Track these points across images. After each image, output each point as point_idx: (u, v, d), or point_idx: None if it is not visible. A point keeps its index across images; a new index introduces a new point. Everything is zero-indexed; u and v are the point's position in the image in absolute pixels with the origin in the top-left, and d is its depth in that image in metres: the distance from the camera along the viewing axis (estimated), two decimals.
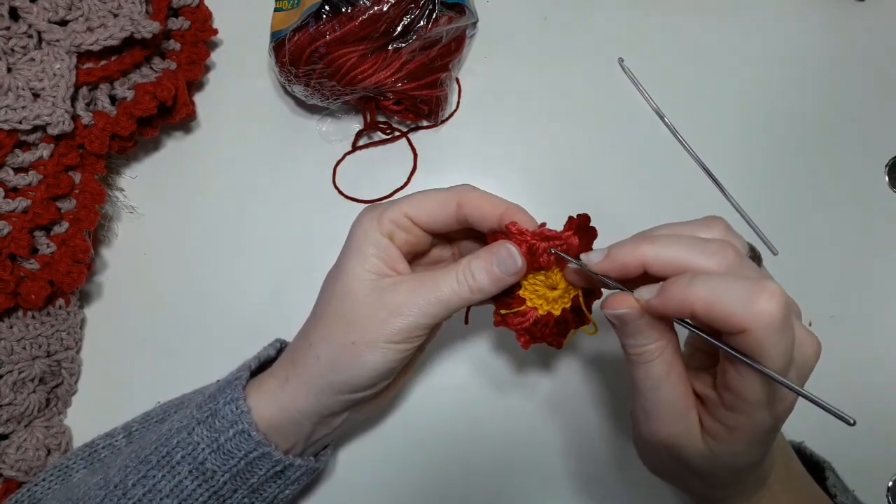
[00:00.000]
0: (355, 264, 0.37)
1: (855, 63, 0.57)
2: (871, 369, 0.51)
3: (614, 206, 0.54)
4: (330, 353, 0.37)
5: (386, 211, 0.38)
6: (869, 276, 0.53)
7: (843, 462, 0.42)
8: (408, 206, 0.38)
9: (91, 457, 0.43)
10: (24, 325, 0.48)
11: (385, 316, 0.36)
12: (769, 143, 0.55)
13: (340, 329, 0.37)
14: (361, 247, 0.37)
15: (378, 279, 0.37)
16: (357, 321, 0.36)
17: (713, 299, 0.29)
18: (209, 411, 0.38)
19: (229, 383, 0.39)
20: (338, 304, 0.37)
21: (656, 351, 0.33)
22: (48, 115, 0.46)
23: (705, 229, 0.34)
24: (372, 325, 0.36)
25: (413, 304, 0.36)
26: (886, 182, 0.54)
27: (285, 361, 0.40)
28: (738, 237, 0.35)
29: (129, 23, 0.47)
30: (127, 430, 0.44)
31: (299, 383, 0.38)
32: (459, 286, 0.36)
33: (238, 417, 0.37)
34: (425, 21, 0.49)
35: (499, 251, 0.36)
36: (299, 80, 0.50)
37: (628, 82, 0.56)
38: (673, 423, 0.33)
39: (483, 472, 0.49)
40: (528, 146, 0.55)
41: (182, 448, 0.37)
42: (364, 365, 0.36)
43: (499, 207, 0.37)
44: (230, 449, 0.37)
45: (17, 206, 0.46)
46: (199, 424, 0.38)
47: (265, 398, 0.38)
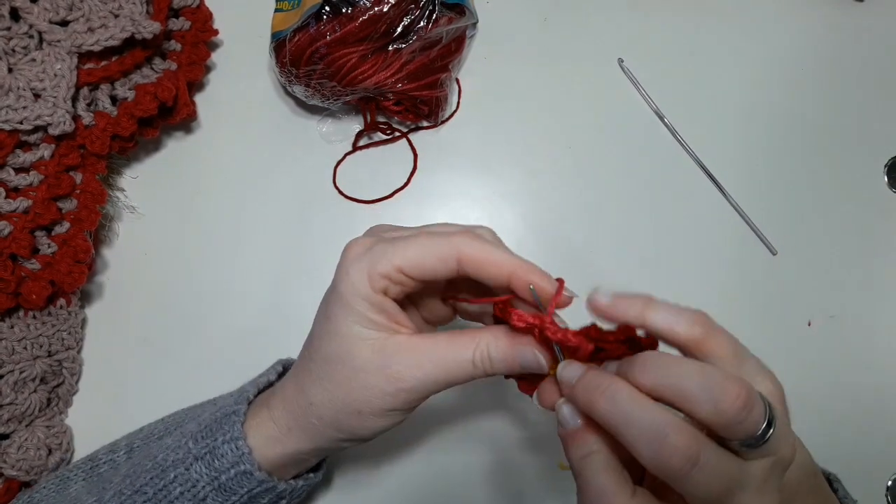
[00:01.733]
0: (350, 323, 0.34)
1: (855, 63, 0.57)
2: (871, 369, 0.51)
3: (614, 206, 0.54)
4: (333, 417, 0.36)
5: (377, 265, 0.33)
6: (869, 276, 0.53)
7: (842, 462, 0.42)
8: (401, 259, 0.33)
9: (92, 470, 0.43)
10: (25, 325, 0.48)
11: (391, 389, 0.34)
12: (769, 143, 0.55)
13: (342, 395, 0.35)
14: (353, 304, 0.34)
15: (379, 339, 0.34)
16: (360, 390, 0.34)
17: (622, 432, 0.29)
18: (207, 448, 0.37)
19: (227, 417, 0.38)
20: (338, 368, 0.35)
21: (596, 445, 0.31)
22: (49, 116, 0.46)
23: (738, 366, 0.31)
24: (377, 397, 0.34)
25: (419, 381, 0.33)
26: (886, 182, 0.54)
27: (285, 410, 0.37)
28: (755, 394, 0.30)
29: (129, 23, 0.48)
30: (129, 446, 0.43)
31: (302, 435, 0.37)
32: (475, 369, 0.33)
33: (239, 458, 0.36)
34: (425, 22, 0.49)
35: (524, 353, 0.33)
36: (300, 80, 0.50)
37: (628, 82, 0.56)
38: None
39: (483, 473, 0.49)
40: (528, 146, 0.55)
41: (180, 484, 0.37)
42: (370, 429, 0.36)
43: (504, 268, 0.33)
44: (232, 486, 0.37)
45: (18, 206, 0.46)
46: (196, 461, 0.37)
47: (267, 442, 0.37)
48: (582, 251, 0.52)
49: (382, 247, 0.34)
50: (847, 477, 0.41)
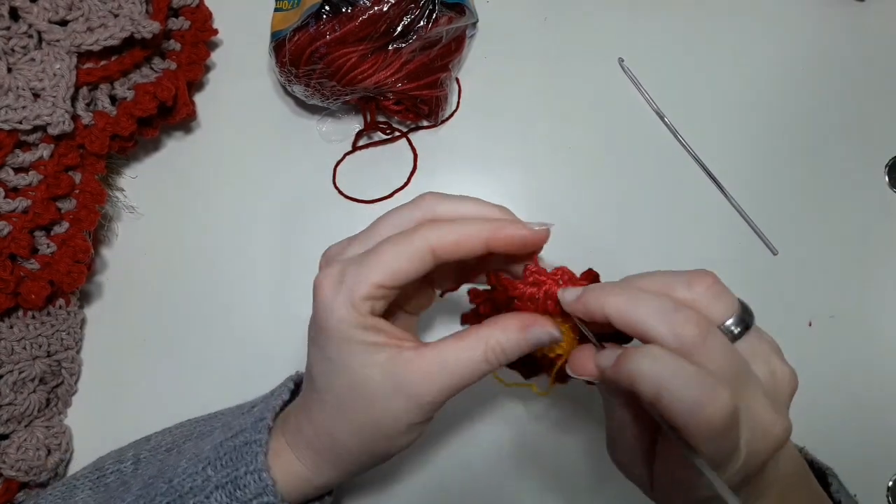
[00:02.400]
0: (353, 355, 0.33)
1: (855, 63, 0.57)
2: (872, 369, 0.51)
3: (614, 206, 0.54)
4: (360, 447, 0.35)
5: (356, 291, 0.32)
6: (869, 276, 0.53)
7: (843, 462, 0.42)
8: (377, 275, 0.32)
9: (99, 480, 0.42)
10: (24, 325, 0.48)
11: (412, 407, 0.33)
12: (769, 142, 0.55)
13: (367, 426, 0.34)
14: (349, 336, 0.33)
15: (386, 361, 0.33)
16: (384, 417, 0.34)
17: (661, 392, 0.28)
18: (228, 478, 0.36)
19: (247, 446, 0.37)
20: (354, 401, 0.34)
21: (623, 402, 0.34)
22: (48, 116, 0.46)
23: (685, 287, 0.32)
24: (401, 418, 0.34)
25: (438, 391, 0.33)
26: (886, 182, 0.54)
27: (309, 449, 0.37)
28: (723, 298, 0.32)
29: (129, 23, 0.47)
30: (136, 457, 0.43)
31: (331, 470, 0.37)
32: (489, 366, 0.33)
33: (262, 490, 0.36)
34: (425, 21, 0.49)
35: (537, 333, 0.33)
36: (299, 80, 0.50)
37: (628, 82, 0.56)
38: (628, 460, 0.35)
39: (483, 477, 0.49)
40: (528, 146, 0.55)
41: None
42: (398, 447, 0.35)
43: (480, 234, 0.33)
44: None
45: (17, 206, 0.46)
46: (216, 489, 0.36)
47: (295, 480, 0.37)
48: (582, 251, 0.52)
49: (354, 270, 0.33)
50: (848, 477, 0.40)
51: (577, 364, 0.33)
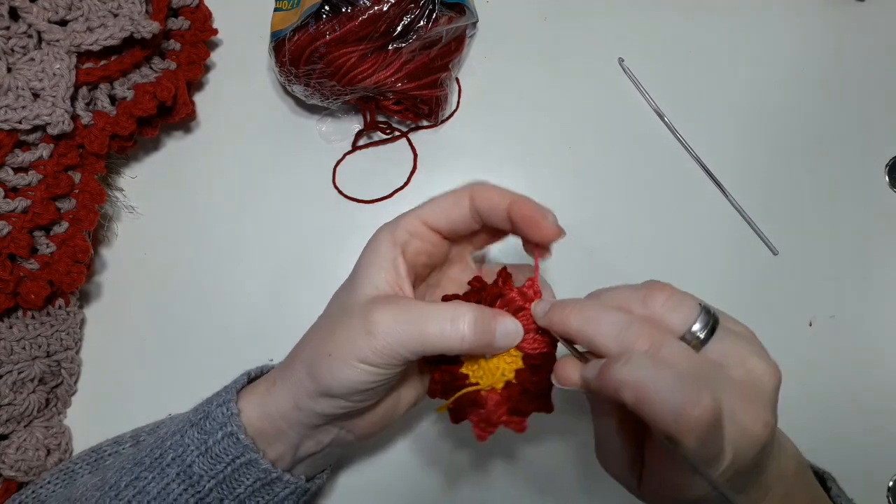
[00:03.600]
0: (361, 277, 0.36)
1: (855, 63, 0.57)
2: (873, 369, 0.51)
3: (614, 206, 0.54)
4: (309, 363, 0.36)
5: (402, 220, 0.37)
6: (869, 276, 0.53)
7: (843, 462, 0.42)
8: (422, 210, 0.37)
9: (97, 462, 0.43)
10: (23, 326, 0.48)
11: (363, 335, 0.34)
12: (769, 142, 0.55)
13: (323, 338, 0.36)
14: (370, 259, 0.37)
15: (375, 293, 0.36)
16: (337, 335, 0.35)
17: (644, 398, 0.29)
18: (202, 413, 0.38)
19: (226, 387, 0.39)
20: (331, 317, 0.37)
21: (609, 411, 0.35)
22: (48, 115, 0.46)
23: (641, 303, 0.33)
24: (348, 339, 0.34)
25: (393, 331, 0.33)
26: (886, 182, 0.54)
27: (278, 367, 0.39)
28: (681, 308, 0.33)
29: (128, 23, 0.47)
30: (135, 438, 0.43)
31: (283, 388, 0.37)
32: (452, 330, 0.33)
33: (227, 420, 0.36)
34: (425, 21, 0.49)
35: (506, 322, 0.35)
36: (299, 79, 0.50)
37: (628, 82, 0.56)
38: (616, 466, 0.36)
39: (481, 483, 0.49)
40: (528, 146, 0.55)
41: (173, 450, 0.37)
42: (336, 378, 0.35)
43: (506, 198, 0.36)
44: (217, 453, 0.36)
45: (16, 206, 0.46)
46: (191, 427, 0.37)
47: (253, 401, 0.38)
48: (582, 251, 0.52)
49: (406, 211, 0.38)
50: (848, 477, 0.40)
51: (563, 375, 0.33)
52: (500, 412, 0.34)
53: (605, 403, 0.35)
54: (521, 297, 0.36)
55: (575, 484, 0.49)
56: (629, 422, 0.34)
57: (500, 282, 0.37)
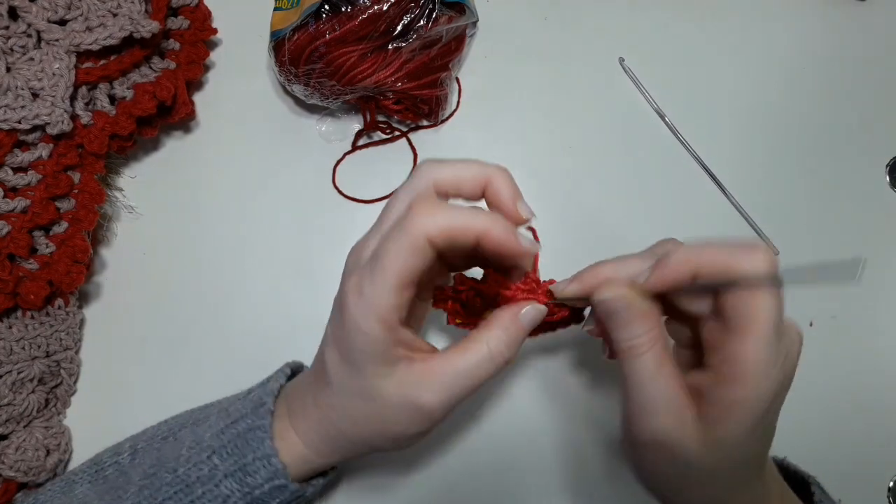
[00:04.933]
0: (371, 363, 0.34)
1: (855, 63, 0.56)
2: (873, 369, 0.51)
3: (614, 205, 0.54)
4: (366, 441, 0.37)
5: (379, 301, 0.32)
6: (871, 276, 0.52)
7: (843, 462, 0.42)
8: (391, 278, 0.32)
9: (97, 474, 0.42)
10: (23, 326, 0.48)
11: (420, 417, 0.35)
12: (770, 142, 0.55)
13: (373, 429, 0.36)
14: (374, 347, 0.33)
15: (399, 372, 0.34)
16: (390, 423, 0.35)
17: (713, 257, 0.32)
18: (236, 465, 0.37)
19: (252, 432, 0.38)
20: (366, 405, 0.35)
21: (647, 343, 0.33)
22: (47, 115, 0.46)
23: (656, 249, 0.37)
24: (408, 428, 0.35)
25: (446, 402, 0.34)
26: (887, 182, 0.54)
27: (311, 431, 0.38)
28: None
29: (128, 22, 0.47)
30: (133, 448, 0.43)
31: (335, 454, 0.39)
32: (495, 366, 0.35)
33: (273, 475, 0.37)
34: (425, 20, 0.49)
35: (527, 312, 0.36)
36: (299, 79, 0.50)
37: (629, 82, 0.56)
38: (670, 416, 0.32)
39: (484, 474, 0.49)
40: (528, 146, 0.55)
41: (210, 500, 0.37)
42: (401, 447, 0.37)
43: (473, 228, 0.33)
44: (265, 499, 0.38)
45: (16, 206, 0.46)
46: (226, 478, 0.37)
47: (300, 462, 0.38)
48: (582, 251, 0.52)
49: (369, 281, 0.33)
50: (849, 478, 0.41)
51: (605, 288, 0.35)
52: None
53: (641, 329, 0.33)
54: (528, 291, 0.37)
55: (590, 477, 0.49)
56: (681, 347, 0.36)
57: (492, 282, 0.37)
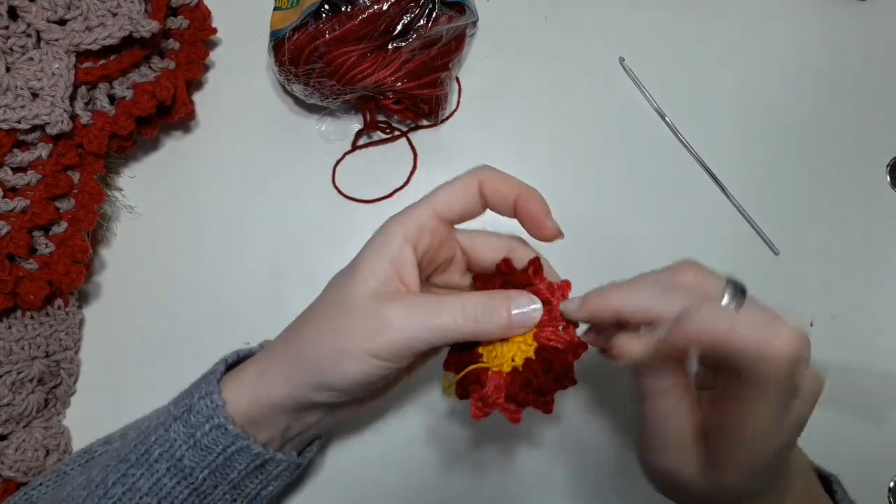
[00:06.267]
0: (365, 269, 0.35)
1: (855, 63, 0.56)
2: (873, 369, 0.51)
3: (614, 205, 0.54)
4: (313, 355, 0.36)
5: (414, 214, 0.36)
6: (870, 275, 0.52)
7: (844, 463, 0.42)
8: (435, 200, 0.37)
9: (88, 463, 0.43)
10: (22, 326, 0.48)
11: (376, 329, 0.34)
12: (770, 142, 0.55)
13: (329, 333, 0.35)
14: (378, 252, 0.36)
15: (381, 288, 0.35)
16: (346, 328, 0.35)
17: (731, 334, 0.30)
18: (185, 407, 0.37)
19: (205, 377, 0.39)
20: (333, 308, 0.36)
21: (669, 388, 0.34)
22: (47, 115, 0.46)
23: (675, 276, 0.35)
24: (360, 336, 0.34)
25: (407, 324, 0.34)
26: (887, 182, 0.54)
27: (267, 352, 0.39)
28: (712, 279, 0.34)
29: (127, 22, 0.47)
30: (123, 436, 0.43)
31: (277, 377, 0.37)
32: (464, 319, 0.34)
33: (213, 412, 0.36)
34: (425, 20, 0.49)
35: (520, 298, 0.35)
36: (299, 79, 0.50)
37: (629, 82, 0.56)
38: (676, 455, 0.34)
39: (480, 471, 0.49)
40: (528, 146, 0.55)
41: (160, 445, 0.37)
42: (344, 374, 0.35)
43: (515, 190, 0.37)
44: (207, 444, 0.36)
45: (15, 206, 0.46)
46: (175, 421, 0.37)
47: (241, 390, 0.37)
48: (582, 251, 0.52)
49: (413, 204, 0.37)
50: (849, 478, 0.40)
51: (624, 349, 0.34)
52: (498, 395, 0.34)
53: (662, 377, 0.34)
54: (549, 291, 0.36)
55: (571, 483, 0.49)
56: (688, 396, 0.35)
57: (532, 271, 0.37)
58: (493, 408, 0.35)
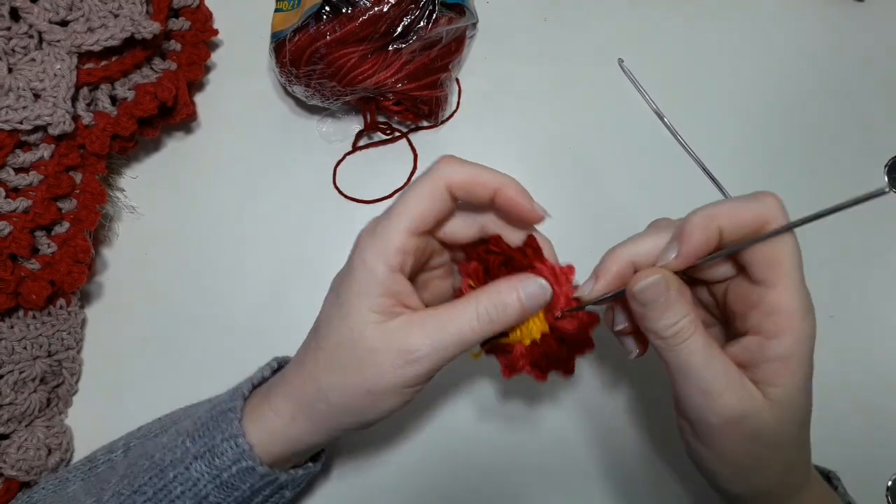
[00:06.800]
0: (362, 306, 0.34)
1: (855, 63, 0.57)
2: (872, 369, 0.51)
3: (614, 206, 0.54)
4: (343, 400, 0.36)
5: (389, 239, 0.34)
6: (869, 275, 0.53)
7: (842, 461, 0.42)
8: (406, 220, 0.34)
9: (90, 471, 0.43)
10: (24, 325, 0.48)
11: (401, 362, 0.34)
12: (769, 143, 0.55)
13: (353, 377, 0.35)
14: (368, 286, 0.34)
15: (388, 319, 0.34)
16: (371, 369, 0.34)
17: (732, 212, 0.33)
18: (205, 447, 0.37)
19: (223, 414, 0.38)
20: (348, 351, 0.35)
21: (691, 325, 0.33)
22: (49, 116, 0.46)
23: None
24: (388, 373, 0.34)
25: (430, 348, 0.34)
26: (886, 182, 0.54)
27: (288, 399, 0.37)
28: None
29: (129, 23, 0.48)
30: (126, 445, 0.43)
31: (307, 423, 0.37)
32: (480, 323, 0.34)
33: (240, 455, 0.36)
34: (425, 22, 0.49)
35: (528, 284, 0.35)
36: (300, 80, 0.50)
37: (628, 83, 0.56)
38: (735, 393, 0.33)
39: (484, 472, 0.49)
40: (528, 146, 0.55)
41: (181, 483, 0.37)
42: (381, 410, 0.36)
43: (491, 182, 0.35)
44: (234, 483, 0.37)
45: (18, 207, 0.46)
46: (196, 460, 0.37)
47: (270, 436, 0.37)
48: (582, 251, 0.52)
49: (384, 222, 0.35)
50: (847, 477, 0.41)
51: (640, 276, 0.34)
52: (523, 363, 0.36)
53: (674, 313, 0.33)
54: (553, 274, 0.36)
55: None
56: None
57: (530, 252, 0.36)
58: (519, 372, 0.37)
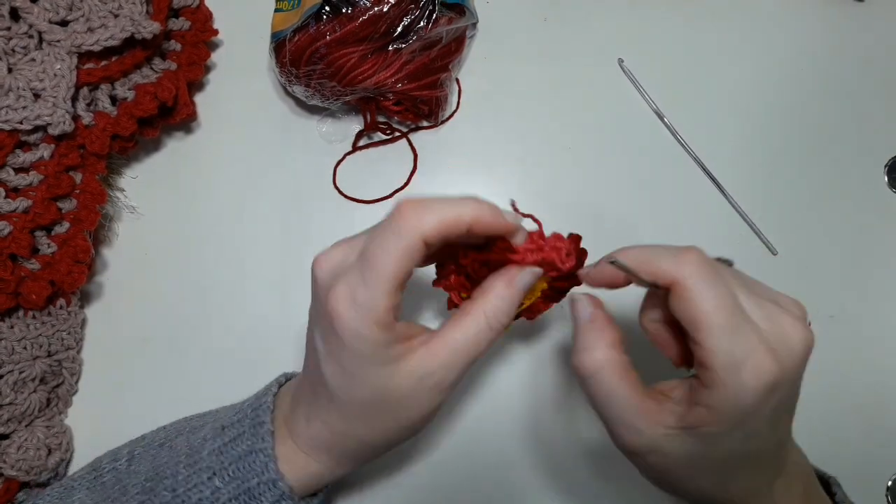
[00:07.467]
0: (376, 372, 0.34)
1: (855, 63, 0.57)
2: (872, 369, 0.51)
3: (614, 206, 0.54)
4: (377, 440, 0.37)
5: (377, 306, 0.32)
6: (868, 275, 0.53)
7: (842, 462, 0.42)
8: (388, 284, 0.32)
9: (95, 480, 0.42)
10: (24, 325, 0.48)
11: (435, 394, 0.35)
12: (769, 142, 0.55)
13: (394, 423, 0.36)
14: (375, 352, 0.33)
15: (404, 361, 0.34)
16: (410, 412, 0.35)
17: (645, 256, 0.33)
18: (241, 489, 0.37)
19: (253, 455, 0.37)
20: (380, 406, 0.35)
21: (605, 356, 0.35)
22: (49, 116, 0.46)
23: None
24: (424, 407, 0.35)
25: (456, 374, 0.35)
26: (886, 182, 0.54)
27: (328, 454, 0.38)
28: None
29: (129, 23, 0.48)
30: (130, 454, 0.43)
31: (351, 464, 0.39)
32: (493, 331, 0.35)
33: (280, 497, 0.37)
34: (425, 22, 0.49)
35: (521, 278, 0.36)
36: (300, 80, 0.50)
37: (628, 82, 0.56)
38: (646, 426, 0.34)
39: (484, 470, 0.49)
40: (528, 146, 0.55)
41: None
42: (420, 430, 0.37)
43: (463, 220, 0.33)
44: None
45: (17, 207, 0.46)
46: (230, 501, 0.37)
47: (307, 479, 0.38)
48: None
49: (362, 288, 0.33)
50: (847, 477, 0.41)
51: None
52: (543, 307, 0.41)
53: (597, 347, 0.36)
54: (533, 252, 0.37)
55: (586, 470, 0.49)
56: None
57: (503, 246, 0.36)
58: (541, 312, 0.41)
